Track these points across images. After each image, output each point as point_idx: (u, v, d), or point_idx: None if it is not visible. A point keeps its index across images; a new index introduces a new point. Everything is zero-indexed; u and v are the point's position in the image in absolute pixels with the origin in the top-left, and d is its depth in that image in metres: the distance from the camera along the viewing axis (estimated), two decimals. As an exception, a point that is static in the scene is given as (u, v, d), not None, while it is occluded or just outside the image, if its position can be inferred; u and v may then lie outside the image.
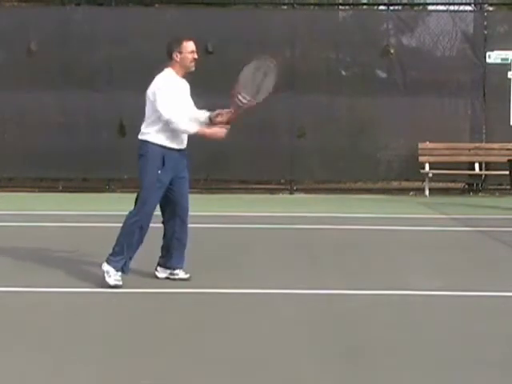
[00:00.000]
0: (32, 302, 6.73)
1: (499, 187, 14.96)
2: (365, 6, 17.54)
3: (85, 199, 13.26)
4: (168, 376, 4.93)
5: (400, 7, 15.96)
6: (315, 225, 10.89)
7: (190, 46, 7.14)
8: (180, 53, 7.10)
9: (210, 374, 4.96)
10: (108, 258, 7.08)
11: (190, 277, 7.34)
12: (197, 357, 5.27)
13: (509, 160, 13.08)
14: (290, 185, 15.11)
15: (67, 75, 14.76)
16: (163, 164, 7.02)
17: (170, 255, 7.35)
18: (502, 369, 5.10)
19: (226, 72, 14.60)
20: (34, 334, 5.80)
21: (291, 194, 14.89)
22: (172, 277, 7.37)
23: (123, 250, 7.05)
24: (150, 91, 7.08)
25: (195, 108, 7.34)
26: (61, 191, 14.69)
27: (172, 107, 6.96)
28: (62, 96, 14.58)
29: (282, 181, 15.43)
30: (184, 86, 7.23)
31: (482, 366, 5.16)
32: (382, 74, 15.38)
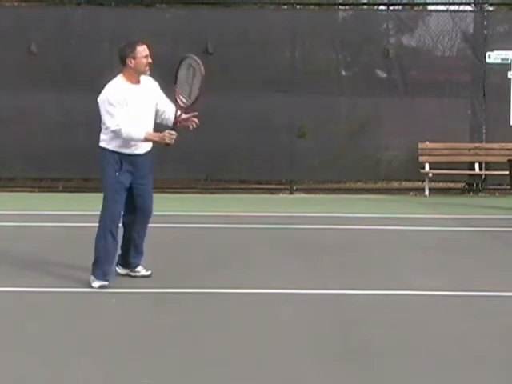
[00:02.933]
0: (32, 301, 6.74)
1: (499, 187, 14.93)
2: (365, 6, 17.52)
3: (85, 199, 13.25)
4: (168, 376, 4.93)
5: (400, 7, 15.93)
6: (315, 225, 10.88)
7: (144, 50, 6.92)
8: (134, 58, 6.89)
9: (210, 374, 4.96)
10: (91, 270, 7.09)
11: (152, 273, 7.33)
12: (197, 357, 5.27)
13: (509, 160, 13.06)
14: (290, 185, 15.08)
15: (67, 75, 14.73)
16: (121, 166, 7.00)
17: (128, 254, 7.32)
18: (502, 369, 5.10)
19: (226, 72, 14.70)
20: (34, 334, 5.80)
21: (291, 193, 14.88)
22: (133, 274, 7.36)
23: (99, 258, 7.04)
24: (99, 100, 6.97)
25: (169, 107, 7.10)
26: (61, 191, 14.68)
27: (116, 119, 6.84)
28: (62, 96, 14.54)
29: (283, 181, 15.42)
30: (140, 91, 6.97)
31: (482, 365, 5.17)
32: (382, 74, 15.35)
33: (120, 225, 7.23)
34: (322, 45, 15.40)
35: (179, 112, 6.99)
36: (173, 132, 6.95)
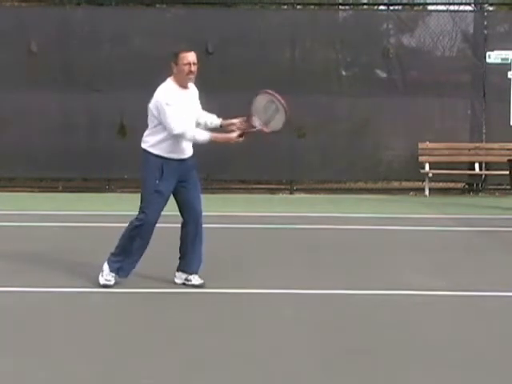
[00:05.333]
0: (32, 301, 6.74)
1: (499, 187, 14.94)
2: (365, 6, 17.52)
3: (85, 199, 13.25)
4: (168, 376, 4.93)
5: (400, 7, 15.94)
6: (315, 225, 10.89)
7: (185, 57, 6.87)
8: (176, 64, 6.88)
9: (210, 374, 4.96)
10: (108, 257, 7.11)
11: (203, 283, 7.19)
12: (197, 357, 5.27)
13: (509, 160, 13.07)
14: (290, 185, 15.10)
15: (67, 75, 14.75)
16: (162, 174, 6.92)
17: (184, 259, 7.24)
18: (501, 369, 5.10)
19: (225, 72, 14.70)
20: (34, 334, 5.81)
21: (291, 193, 14.89)
22: (187, 283, 7.23)
23: (120, 253, 7.04)
24: (152, 103, 6.89)
25: (203, 112, 7.21)
26: (61, 191, 14.69)
27: (179, 120, 6.80)
28: (62, 96, 14.56)
29: (283, 181, 15.42)
30: (189, 95, 7.02)
31: (482, 365, 5.17)
32: (382, 74, 15.36)
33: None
34: (322, 45, 15.42)
35: (247, 125, 7.17)
36: (240, 140, 7.16)
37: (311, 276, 7.73)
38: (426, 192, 14.53)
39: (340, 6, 16.62)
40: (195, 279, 7.20)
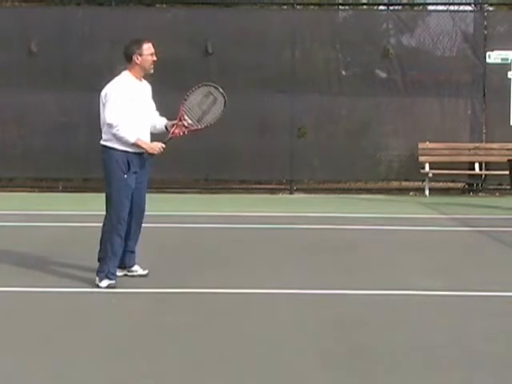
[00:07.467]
0: (32, 301, 6.74)
1: (499, 187, 14.94)
2: (365, 6, 17.51)
3: (85, 199, 13.25)
4: (168, 376, 4.93)
5: (400, 7, 15.94)
6: (315, 225, 10.89)
7: (150, 47, 7.15)
8: (140, 55, 7.07)
9: (210, 374, 4.96)
10: (96, 273, 7.08)
11: (149, 273, 7.30)
12: (197, 357, 5.27)
13: (509, 160, 13.07)
14: (290, 185, 15.09)
15: (67, 75, 14.73)
16: (129, 168, 7.02)
17: (123, 255, 7.27)
18: (501, 369, 5.10)
19: (225, 72, 14.69)
20: (34, 334, 5.80)
21: (291, 194, 14.88)
22: (130, 274, 7.33)
23: (106, 258, 7.03)
24: (102, 94, 7.06)
25: (156, 113, 7.30)
26: (61, 191, 14.69)
27: (117, 113, 6.92)
28: (62, 96, 14.55)
29: (283, 181, 15.42)
30: (143, 89, 7.17)
31: (482, 365, 5.17)
32: (382, 74, 15.36)
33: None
34: (322, 45, 15.41)
35: (178, 130, 7.11)
36: (164, 146, 7.08)
37: (311, 276, 7.74)
38: (426, 192, 14.53)
39: (340, 6, 16.62)
40: (140, 269, 7.31)
